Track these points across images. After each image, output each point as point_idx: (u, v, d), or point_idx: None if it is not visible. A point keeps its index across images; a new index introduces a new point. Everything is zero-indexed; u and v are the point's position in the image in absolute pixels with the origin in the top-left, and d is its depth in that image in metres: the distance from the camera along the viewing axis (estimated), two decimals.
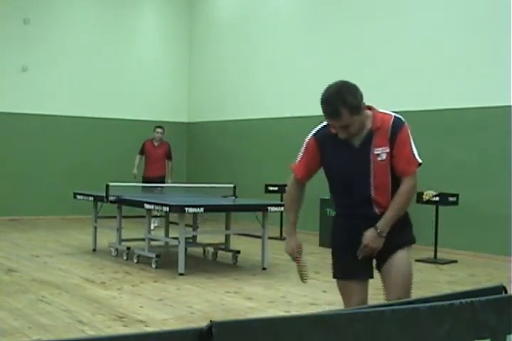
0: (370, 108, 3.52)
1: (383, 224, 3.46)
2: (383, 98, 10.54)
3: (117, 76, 13.88)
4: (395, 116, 3.52)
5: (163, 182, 11.27)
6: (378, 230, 3.44)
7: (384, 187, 3.49)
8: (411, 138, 3.53)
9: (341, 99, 3.38)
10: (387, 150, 3.43)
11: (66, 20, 13.45)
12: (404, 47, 10.31)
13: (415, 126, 11.16)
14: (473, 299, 2.36)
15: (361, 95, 3.45)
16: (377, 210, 3.51)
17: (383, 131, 3.45)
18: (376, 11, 10.78)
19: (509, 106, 8.87)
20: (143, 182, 11.12)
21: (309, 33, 11.91)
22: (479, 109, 9.32)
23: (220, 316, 5.53)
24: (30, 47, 12.99)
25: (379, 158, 3.42)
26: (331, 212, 9.94)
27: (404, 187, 3.47)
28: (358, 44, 10.98)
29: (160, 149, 11.52)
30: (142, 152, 11.54)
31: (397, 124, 3.50)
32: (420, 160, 3.47)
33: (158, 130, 11.52)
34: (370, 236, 3.44)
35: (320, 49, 11.70)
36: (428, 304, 2.28)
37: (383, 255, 3.56)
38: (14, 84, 12.86)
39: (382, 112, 3.53)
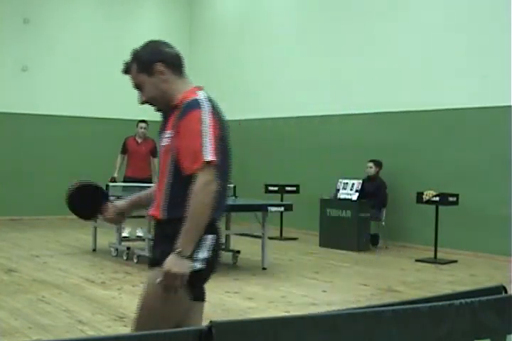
0: (199, 88, 2.85)
1: (181, 240, 2.60)
2: (383, 98, 10.56)
3: (117, 76, 13.73)
4: (193, 99, 2.73)
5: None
6: (178, 249, 2.60)
7: (162, 181, 2.76)
8: (203, 128, 2.65)
9: (135, 52, 2.90)
10: (172, 135, 2.73)
11: (66, 20, 13.45)
12: (404, 47, 10.31)
13: (415, 126, 11.25)
14: (473, 299, 2.36)
15: (165, 54, 2.88)
16: (150, 211, 2.79)
17: (177, 112, 2.74)
18: (376, 10, 10.77)
19: (509, 106, 8.87)
20: (124, 182, 10.10)
21: (309, 32, 11.91)
22: (479, 109, 9.32)
23: (220, 316, 5.53)
24: (30, 47, 12.99)
25: (161, 143, 2.79)
26: (331, 212, 9.95)
27: (194, 187, 2.61)
28: (358, 44, 10.98)
29: (144, 146, 10.36)
30: (125, 151, 10.36)
31: (187, 107, 2.70)
32: (208, 158, 2.61)
33: (142, 125, 10.39)
34: (169, 259, 2.61)
35: (320, 49, 11.69)
36: (428, 304, 2.28)
37: None
38: (14, 84, 12.86)
39: (194, 92, 2.79)
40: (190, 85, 2.86)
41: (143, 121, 10.56)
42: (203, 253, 2.70)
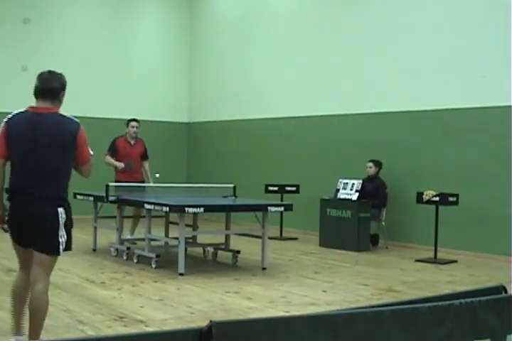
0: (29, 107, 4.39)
1: None
2: (383, 98, 10.56)
3: (117, 76, 13.87)
4: None
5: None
6: None
7: None
8: None
9: None
10: None
11: (66, 20, 13.45)
12: (404, 47, 10.31)
13: (415, 126, 11.24)
14: (473, 299, 2.36)
15: None
16: None
17: None
18: (376, 10, 10.77)
19: (509, 106, 8.87)
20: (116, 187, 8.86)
21: (310, 32, 11.91)
22: (479, 109, 9.32)
23: (220, 316, 5.53)
24: (30, 47, 12.98)
25: None
26: (331, 212, 9.95)
27: None
28: (358, 43, 10.98)
29: (137, 148, 9.68)
30: (115, 152, 9.56)
31: None
32: None
33: (134, 124, 9.58)
34: None
35: (320, 49, 11.69)
36: (428, 304, 2.28)
37: None
38: (14, 84, 12.85)
39: None
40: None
41: (134, 119, 9.80)
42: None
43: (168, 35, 14.74)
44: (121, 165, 9.44)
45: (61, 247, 4.28)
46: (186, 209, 7.22)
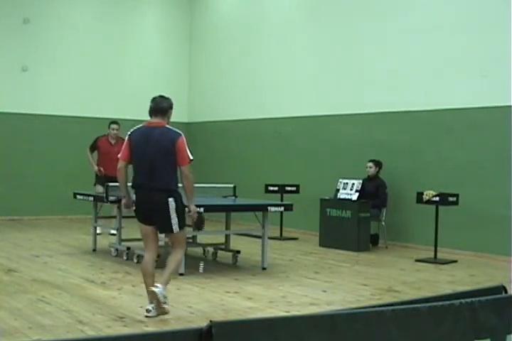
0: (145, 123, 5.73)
1: None
2: (383, 98, 10.56)
3: (117, 76, 13.87)
4: None
5: None
6: None
7: None
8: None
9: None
10: None
11: (66, 20, 13.45)
12: (404, 47, 10.31)
13: (415, 126, 11.22)
14: (473, 299, 2.36)
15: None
16: None
17: None
18: (376, 11, 10.77)
19: (509, 106, 8.87)
20: (102, 180, 9.83)
21: (309, 33, 11.91)
22: (479, 109, 9.32)
23: (220, 316, 5.53)
24: (30, 47, 12.99)
25: None
26: (331, 212, 9.95)
27: None
28: (357, 44, 10.98)
29: (117, 147, 9.81)
30: (94, 149, 10.68)
31: None
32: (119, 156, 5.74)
33: (114, 126, 10.67)
34: None
35: (320, 49, 11.69)
36: (428, 304, 2.28)
37: None
38: (14, 84, 12.85)
39: None
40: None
41: (114, 122, 10.84)
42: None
43: (167, 35, 14.74)
44: (95, 167, 10.58)
45: (174, 227, 5.53)
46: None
